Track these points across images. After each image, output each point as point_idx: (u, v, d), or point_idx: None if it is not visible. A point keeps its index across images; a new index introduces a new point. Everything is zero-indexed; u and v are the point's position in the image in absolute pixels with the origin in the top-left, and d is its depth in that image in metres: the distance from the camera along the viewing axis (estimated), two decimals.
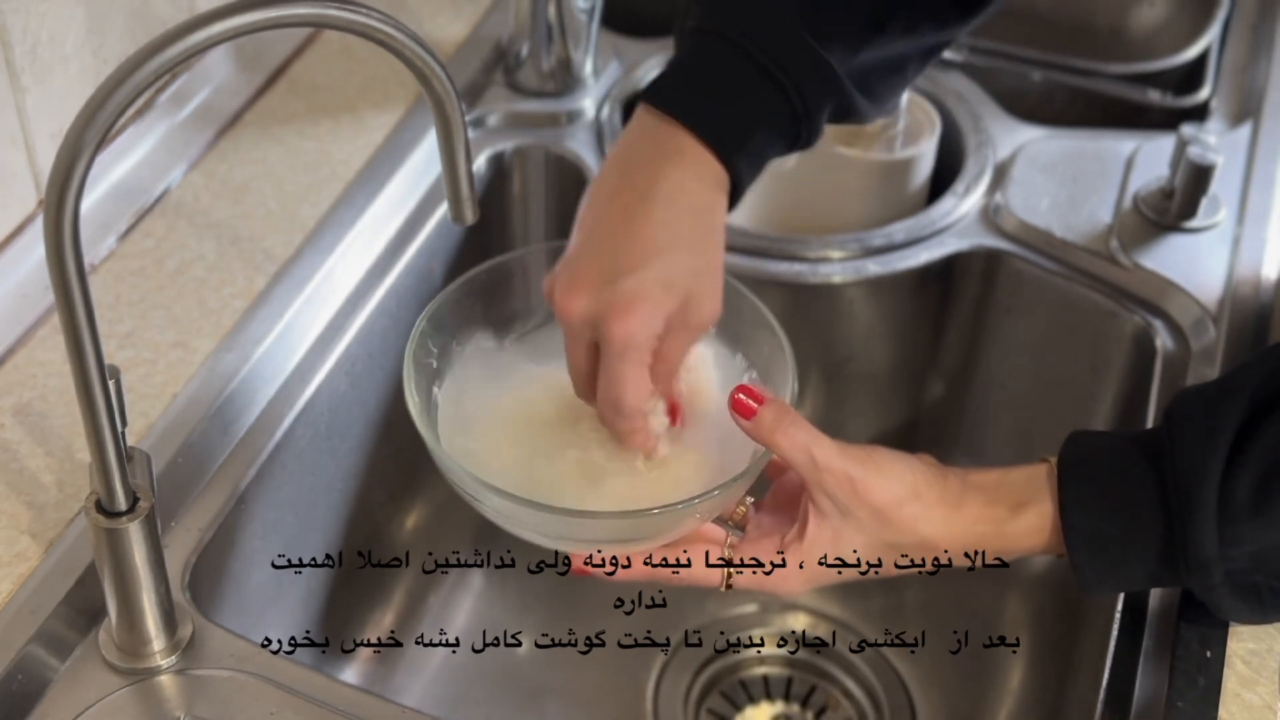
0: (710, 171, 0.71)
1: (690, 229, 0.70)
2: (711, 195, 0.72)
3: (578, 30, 1.08)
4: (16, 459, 0.79)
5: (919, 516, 0.69)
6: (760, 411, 0.69)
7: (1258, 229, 1.00)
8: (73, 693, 0.71)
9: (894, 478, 0.69)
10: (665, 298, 0.68)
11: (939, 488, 0.70)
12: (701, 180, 0.71)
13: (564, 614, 1.07)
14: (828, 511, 0.69)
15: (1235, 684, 0.71)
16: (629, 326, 0.67)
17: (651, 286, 0.68)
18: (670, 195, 0.70)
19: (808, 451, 0.68)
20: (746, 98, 0.72)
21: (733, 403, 0.70)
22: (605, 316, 0.68)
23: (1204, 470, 0.65)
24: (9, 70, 0.84)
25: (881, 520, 0.69)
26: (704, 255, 0.70)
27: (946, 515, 0.70)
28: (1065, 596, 1.02)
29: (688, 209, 0.70)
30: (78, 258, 0.59)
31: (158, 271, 0.91)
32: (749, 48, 0.72)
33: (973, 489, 0.71)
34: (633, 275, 0.68)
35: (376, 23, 0.60)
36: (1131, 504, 0.68)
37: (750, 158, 0.72)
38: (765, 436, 0.69)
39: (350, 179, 0.99)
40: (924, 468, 0.71)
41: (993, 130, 1.10)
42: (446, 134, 0.66)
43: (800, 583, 0.72)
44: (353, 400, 0.95)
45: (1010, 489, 0.70)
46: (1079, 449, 0.70)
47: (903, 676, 1.05)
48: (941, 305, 1.06)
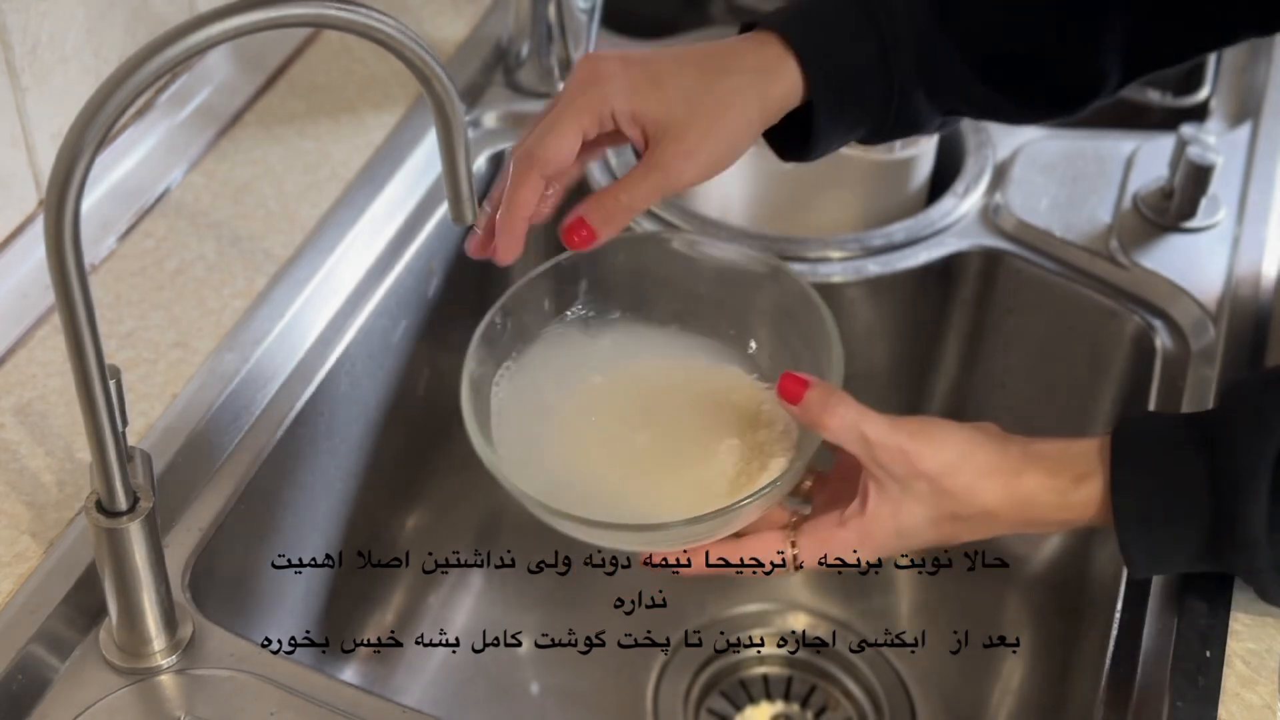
0: (782, 64, 0.72)
1: (719, 74, 0.71)
2: (767, 83, 0.72)
3: (578, 30, 1.08)
4: (17, 459, 0.79)
5: (975, 486, 0.69)
6: (807, 395, 0.69)
7: (1257, 229, 1.00)
8: (73, 692, 0.71)
9: (948, 447, 0.69)
10: (645, 86, 0.69)
11: (998, 456, 0.69)
12: (769, 67, 0.72)
13: (564, 614, 1.07)
14: (887, 485, 0.69)
15: (1235, 684, 0.71)
16: (583, 76, 0.70)
17: (640, 72, 0.70)
18: (728, 51, 0.72)
19: (858, 429, 0.68)
20: (842, 28, 0.73)
21: (780, 388, 0.70)
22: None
23: (1256, 453, 0.65)
24: (9, 70, 0.84)
25: (939, 491, 0.69)
26: (715, 103, 0.70)
27: (1007, 484, 0.69)
28: (1065, 596, 1.02)
29: (732, 67, 0.71)
30: (78, 258, 0.59)
31: (158, 271, 0.91)
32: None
33: (1035, 458, 0.70)
34: (632, 63, 0.70)
35: (376, 23, 0.61)
36: (1180, 485, 0.67)
37: (835, 95, 0.73)
38: (814, 419, 0.69)
39: (350, 179, 0.99)
40: (983, 437, 0.70)
41: (992, 130, 1.10)
42: (446, 134, 0.66)
43: (866, 553, 0.71)
44: (353, 400, 0.95)
45: (1072, 460, 0.69)
46: (1132, 428, 0.70)
47: (903, 676, 1.05)
48: (941, 305, 1.06)
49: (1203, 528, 0.67)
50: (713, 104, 0.70)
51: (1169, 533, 0.68)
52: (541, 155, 0.71)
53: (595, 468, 0.74)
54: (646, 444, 0.75)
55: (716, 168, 0.72)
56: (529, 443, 0.75)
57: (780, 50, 0.73)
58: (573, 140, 0.71)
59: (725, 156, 0.72)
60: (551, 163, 0.71)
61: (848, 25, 0.74)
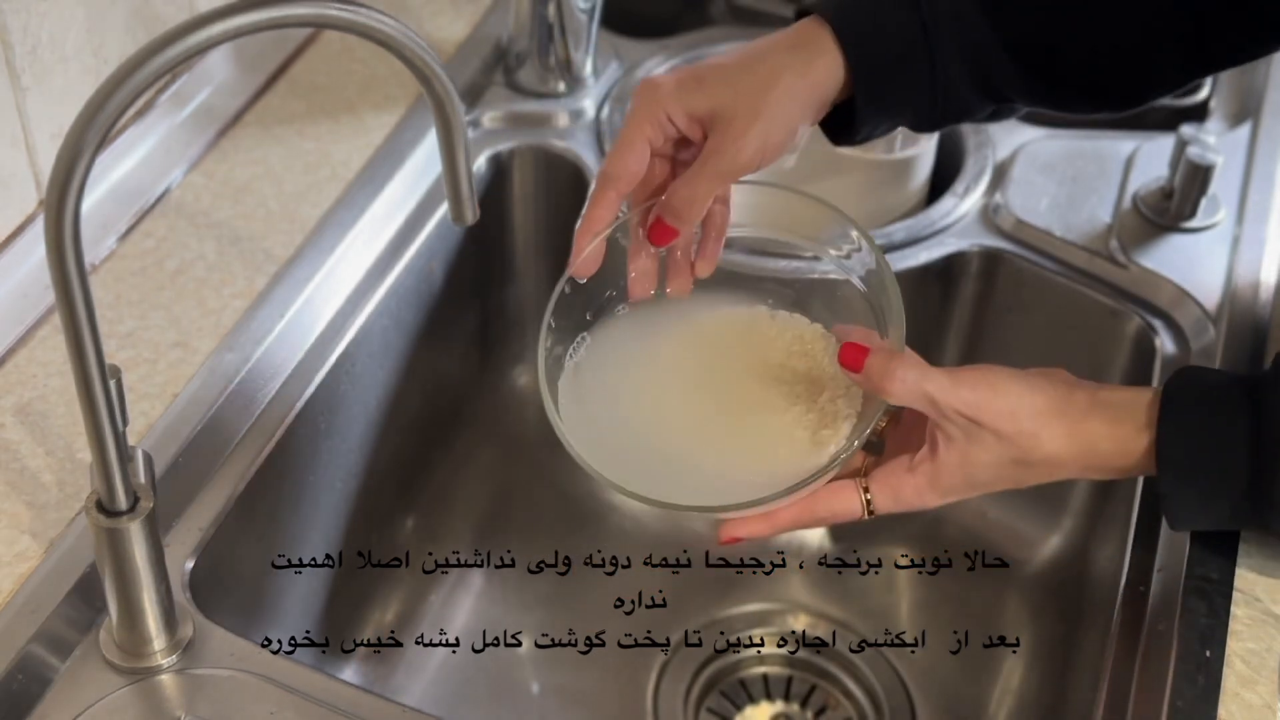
0: (823, 47, 0.74)
1: (759, 59, 0.72)
2: (808, 63, 0.73)
3: (578, 30, 1.08)
4: (17, 459, 0.79)
5: (1039, 434, 0.70)
6: (867, 362, 0.70)
7: (1257, 229, 1.00)
8: (73, 692, 0.71)
9: (1011, 397, 0.70)
10: (689, 83, 0.72)
11: (1062, 403, 0.70)
12: (810, 50, 0.73)
13: (564, 614, 1.07)
14: (954, 436, 0.70)
15: (1235, 683, 0.71)
16: (639, 89, 0.73)
17: (686, 73, 0.73)
18: (770, 42, 0.74)
19: (920, 389, 0.69)
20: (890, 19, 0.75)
21: (840, 357, 0.71)
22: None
23: None
24: (9, 70, 0.84)
25: (1004, 441, 0.70)
26: (758, 83, 0.72)
27: (1070, 431, 0.70)
28: (1065, 596, 1.02)
29: (773, 50, 0.73)
30: (78, 258, 0.59)
31: (158, 271, 0.91)
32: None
33: (1101, 406, 0.70)
34: (682, 69, 0.73)
35: (377, 23, 0.61)
36: (1221, 442, 0.68)
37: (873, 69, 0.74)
38: (877, 384, 0.70)
39: (350, 179, 0.99)
40: (1048, 384, 0.71)
41: (992, 130, 1.10)
42: (446, 134, 0.66)
43: (936, 498, 0.73)
44: (353, 400, 0.95)
45: (1135, 410, 0.70)
46: (1184, 381, 0.71)
47: (903, 676, 1.06)
48: (941, 305, 1.06)
49: (1239, 487, 0.68)
50: (755, 86, 0.72)
51: (1206, 488, 0.69)
52: (612, 172, 0.73)
53: (670, 443, 0.75)
54: (716, 412, 0.76)
55: (773, 146, 0.73)
56: (603, 423, 0.76)
57: (818, 27, 0.74)
58: (640, 152, 0.73)
59: (778, 134, 0.73)
60: (623, 177, 0.73)
61: (887, 2, 0.75)
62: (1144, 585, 0.78)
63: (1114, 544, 0.94)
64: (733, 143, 0.71)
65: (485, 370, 1.15)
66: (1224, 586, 0.74)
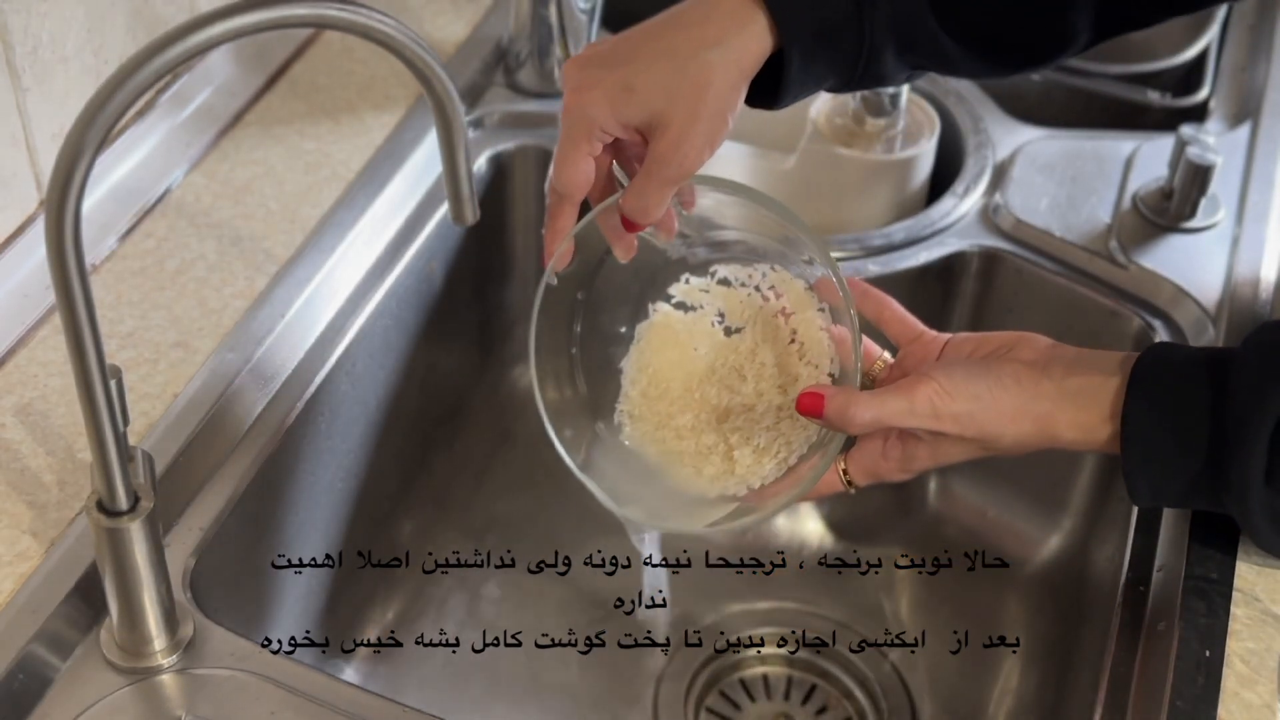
0: (752, 21, 0.72)
1: (690, 56, 0.70)
2: (740, 46, 0.72)
3: (578, 30, 1.08)
4: (18, 459, 0.79)
5: (1004, 433, 0.71)
6: (826, 407, 0.70)
7: (1257, 229, 1.00)
8: (74, 692, 0.71)
9: (971, 401, 0.71)
10: (619, 95, 0.70)
11: (1027, 399, 0.71)
12: (738, 28, 0.72)
13: (564, 614, 1.07)
14: (923, 437, 0.73)
15: (1235, 683, 0.71)
16: (570, 101, 0.71)
17: (613, 82, 0.70)
18: (695, 20, 0.72)
19: (881, 424, 0.71)
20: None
21: (799, 406, 0.71)
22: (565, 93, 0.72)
23: (1263, 396, 0.67)
24: (10, 71, 0.84)
25: (968, 441, 0.72)
26: (691, 87, 0.70)
27: (1035, 428, 0.71)
28: (1065, 596, 1.02)
29: (700, 40, 0.71)
30: (79, 258, 0.59)
31: (159, 271, 0.91)
32: None
33: (1068, 396, 0.71)
34: (607, 68, 0.70)
35: (377, 23, 0.61)
36: (1184, 420, 0.69)
37: (804, 38, 0.72)
38: (842, 427, 0.71)
39: (351, 179, 0.99)
40: (1013, 380, 0.72)
41: (992, 130, 1.10)
42: (447, 134, 0.67)
43: (909, 476, 0.76)
44: (353, 400, 0.95)
45: (1104, 397, 0.71)
46: (1153, 358, 0.71)
47: (903, 676, 1.06)
48: (941, 305, 1.06)
49: (1198, 464, 0.69)
50: (689, 89, 0.70)
51: (1168, 465, 0.70)
52: (561, 189, 0.72)
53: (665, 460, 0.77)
54: (713, 418, 0.77)
55: (715, 141, 0.72)
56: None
57: (751, 7, 0.72)
58: (583, 166, 0.72)
59: (719, 127, 0.72)
60: (574, 190, 0.72)
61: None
62: (1144, 585, 0.78)
63: (1114, 544, 0.94)
64: (675, 149, 0.70)
65: (485, 370, 1.15)
66: (1224, 586, 0.74)
